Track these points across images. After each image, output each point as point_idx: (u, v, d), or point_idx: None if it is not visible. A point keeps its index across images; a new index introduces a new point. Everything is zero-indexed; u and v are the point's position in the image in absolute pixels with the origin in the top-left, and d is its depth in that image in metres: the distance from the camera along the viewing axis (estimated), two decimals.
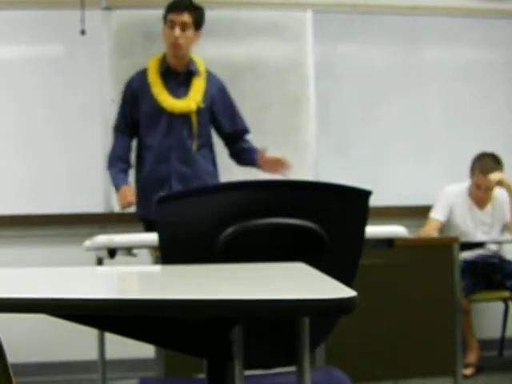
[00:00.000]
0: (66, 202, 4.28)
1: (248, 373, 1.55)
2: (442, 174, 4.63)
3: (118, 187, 3.67)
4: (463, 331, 3.90)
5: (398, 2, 4.67)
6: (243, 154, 3.82)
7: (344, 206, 1.69)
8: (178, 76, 3.69)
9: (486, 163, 4.20)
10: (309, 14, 4.56)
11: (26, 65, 4.32)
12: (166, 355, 2.71)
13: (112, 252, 2.27)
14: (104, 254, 2.30)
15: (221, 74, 4.35)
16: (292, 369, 1.67)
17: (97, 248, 2.25)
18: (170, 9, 3.65)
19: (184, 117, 3.64)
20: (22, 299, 0.93)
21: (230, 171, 3.94)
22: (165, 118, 3.63)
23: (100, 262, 2.76)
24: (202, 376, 1.72)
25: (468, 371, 4.03)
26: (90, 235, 2.41)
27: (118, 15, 4.38)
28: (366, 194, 1.67)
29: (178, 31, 3.59)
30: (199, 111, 3.66)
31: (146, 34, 4.40)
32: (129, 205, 3.60)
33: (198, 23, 3.67)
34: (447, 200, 4.34)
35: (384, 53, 4.67)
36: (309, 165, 4.53)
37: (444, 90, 4.71)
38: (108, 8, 4.37)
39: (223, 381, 1.35)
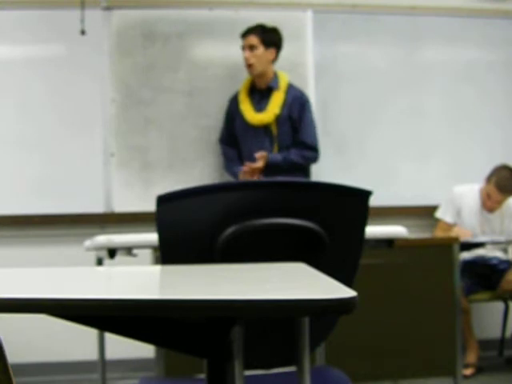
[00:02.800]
0: (66, 202, 4.28)
1: (248, 373, 1.55)
2: (442, 174, 4.63)
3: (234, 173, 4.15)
4: (463, 331, 3.90)
5: (398, 2, 4.67)
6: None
7: (344, 206, 1.69)
8: (261, 92, 4.15)
9: (503, 178, 4.18)
10: (309, 14, 4.56)
11: (26, 65, 4.31)
12: (166, 355, 2.71)
13: (112, 252, 2.26)
14: (104, 254, 2.30)
15: (221, 74, 4.37)
16: (292, 369, 1.67)
17: (97, 248, 2.25)
18: (242, 35, 4.11)
19: (266, 128, 4.08)
20: (22, 299, 0.93)
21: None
22: (251, 132, 4.11)
23: (100, 262, 2.76)
24: (202, 376, 1.72)
25: (468, 371, 4.03)
26: (90, 235, 2.41)
27: (118, 15, 4.38)
28: (366, 194, 1.67)
29: (247, 53, 4.06)
30: (278, 120, 4.07)
31: (146, 34, 4.40)
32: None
33: (268, 41, 4.07)
34: (455, 202, 4.34)
35: (384, 53, 4.67)
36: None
37: (444, 90, 4.70)
38: (108, 8, 4.37)
39: (223, 381, 1.35)
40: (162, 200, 1.63)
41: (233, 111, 4.20)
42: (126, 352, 3.67)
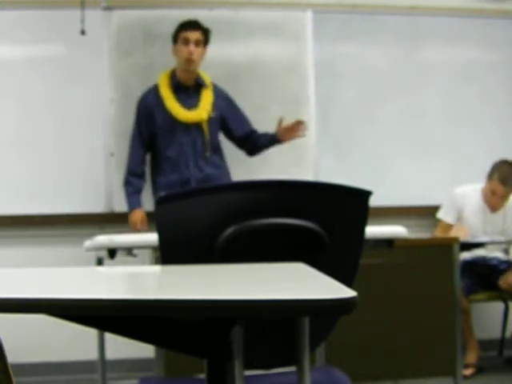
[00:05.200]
0: (66, 202, 4.28)
1: (248, 373, 1.55)
2: (442, 174, 4.63)
3: (130, 209, 4.05)
4: (463, 331, 3.90)
5: (398, 2, 4.67)
6: (259, 140, 4.11)
7: (344, 206, 1.69)
8: (188, 89, 4.00)
9: (505, 172, 4.19)
10: (309, 14, 4.56)
11: (26, 65, 4.31)
12: (166, 355, 2.71)
13: (112, 252, 2.27)
14: (104, 254, 2.30)
15: (220, 74, 4.35)
16: (292, 369, 1.67)
17: (97, 248, 2.25)
18: (184, 27, 3.95)
19: (196, 127, 3.95)
20: (22, 299, 0.93)
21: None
22: (179, 129, 3.95)
23: (100, 262, 2.76)
24: (202, 376, 1.72)
25: (468, 371, 4.03)
26: (90, 235, 2.41)
27: (118, 15, 4.38)
28: (366, 194, 1.67)
29: (192, 47, 3.90)
30: (210, 120, 3.98)
31: (146, 34, 4.40)
32: (139, 230, 3.93)
33: (207, 41, 3.99)
34: (456, 202, 4.35)
35: (384, 53, 4.67)
36: (309, 165, 4.53)
37: (444, 89, 4.70)
38: (108, 8, 4.37)
39: (223, 381, 1.35)
40: (162, 200, 1.63)
41: (152, 108, 3.98)
42: (126, 352, 3.67)
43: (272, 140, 4.04)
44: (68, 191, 4.29)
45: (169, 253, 1.64)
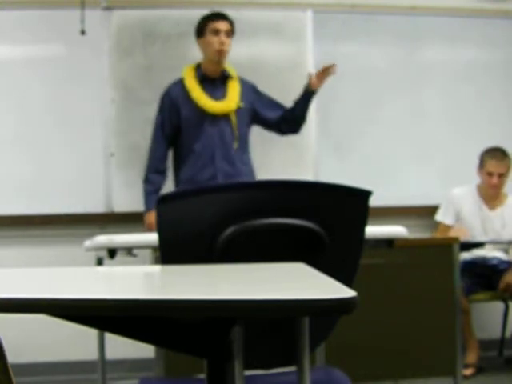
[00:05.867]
0: (65, 202, 4.28)
1: (248, 373, 1.55)
2: (442, 173, 4.63)
3: (147, 210, 3.89)
4: (463, 331, 3.90)
5: (398, 2, 4.67)
6: (295, 109, 3.94)
7: (344, 206, 1.69)
8: (214, 81, 3.90)
9: (495, 153, 4.30)
10: (309, 14, 4.56)
11: (26, 65, 4.31)
12: (166, 355, 2.71)
13: (112, 252, 2.27)
14: (104, 254, 2.30)
15: None
16: (292, 369, 1.67)
17: (97, 248, 2.25)
18: (213, 18, 3.84)
19: (225, 118, 3.83)
20: (22, 299, 0.93)
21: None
22: (207, 121, 3.82)
23: (100, 262, 2.76)
24: (202, 376, 1.72)
25: (468, 371, 4.03)
26: (90, 235, 2.41)
27: (118, 15, 4.38)
28: (366, 194, 1.67)
29: (223, 37, 3.80)
30: (238, 112, 3.86)
31: (146, 34, 4.40)
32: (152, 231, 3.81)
33: (233, 32, 3.90)
34: (453, 204, 4.35)
35: (384, 53, 4.67)
36: (309, 165, 4.53)
37: (444, 90, 4.71)
38: (108, 8, 4.36)
39: (223, 381, 1.35)
40: (162, 200, 1.63)
41: (177, 101, 3.87)
42: (126, 352, 3.67)
43: (305, 96, 3.88)
44: (68, 191, 4.29)
45: (169, 253, 1.64)
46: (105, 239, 2.20)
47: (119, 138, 4.33)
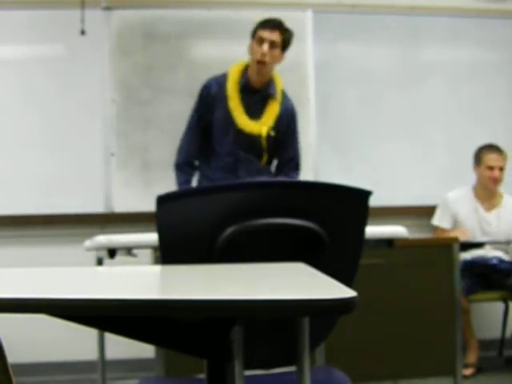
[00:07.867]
0: (65, 202, 4.28)
1: (248, 373, 1.55)
2: (443, 174, 4.63)
3: None
4: (463, 331, 3.90)
5: (398, 2, 4.67)
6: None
7: (344, 205, 1.69)
8: (255, 94, 3.69)
9: (485, 146, 4.34)
10: (309, 14, 4.56)
11: (26, 65, 4.32)
12: (166, 355, 2.71)
13: (112, 252, 2.26)
14: (104, 254, 2.30)
15: None
16: (292, 369, 1.67)
17: (97, 248, 2.25)
18: (262, 25, 3.66)
19: (253, 136, 3.66)
20: (22, 299, 0.93)
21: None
22: (234, 131, 3.65)
23: (100, 262, 2.76)
24: (202, 376, 1.72)
25: (468, 371, 4.03)
26: (90, 235, 2.41)
27: (118, 15, 4.39)
28: (365, 194, 1.67)
29: (266, 48, 3.59)
30: (268, 137, 3.68)
31: (146, 34, 4.40)
32: None
33: (286, 44, 3.69)
34: (449, 208, 4.36)
35: (384, 53, 4.67)
36: (309, 165, 4.52)
37: (444, 89, 4.71)
38: (108, 8, 4.37)
39: (223, 381, 1.35)
40: (162, 200, 1.63)
41: (214, 99, 3.69)
42: (126, 352, 3.67)
43: None
44: (68, 191, 4.29)
45: (169, 253, 1.64)
46: (105, 239, 2.20)
47: (119, 138, 4.33)
